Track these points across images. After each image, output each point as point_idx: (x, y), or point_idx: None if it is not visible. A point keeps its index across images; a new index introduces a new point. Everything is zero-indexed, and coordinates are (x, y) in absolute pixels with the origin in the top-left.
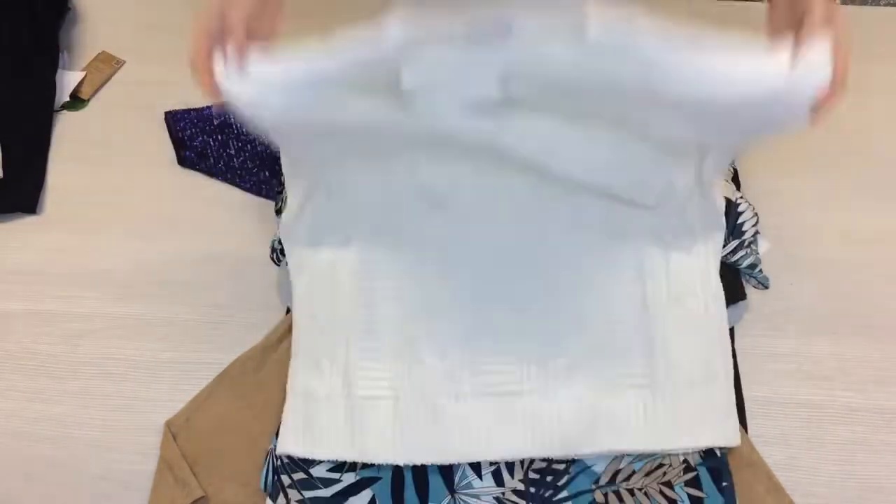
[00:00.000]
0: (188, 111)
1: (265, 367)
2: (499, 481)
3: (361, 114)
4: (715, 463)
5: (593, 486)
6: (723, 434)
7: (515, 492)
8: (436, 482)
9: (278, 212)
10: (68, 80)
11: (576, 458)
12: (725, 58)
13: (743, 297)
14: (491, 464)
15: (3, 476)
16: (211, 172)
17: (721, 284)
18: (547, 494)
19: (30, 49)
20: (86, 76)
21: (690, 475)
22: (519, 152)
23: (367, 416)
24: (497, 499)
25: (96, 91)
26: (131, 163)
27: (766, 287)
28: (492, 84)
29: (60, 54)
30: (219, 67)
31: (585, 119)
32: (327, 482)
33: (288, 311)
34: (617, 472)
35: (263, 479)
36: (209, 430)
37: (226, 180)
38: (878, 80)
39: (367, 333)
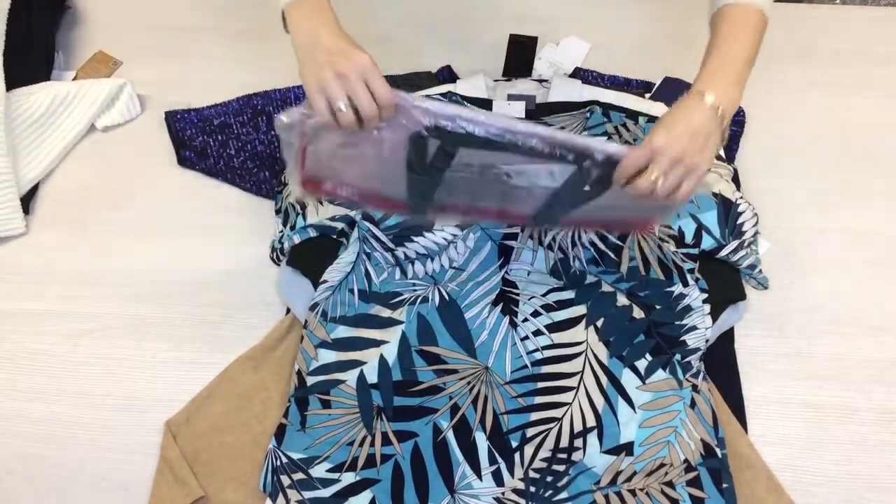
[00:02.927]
0: (188, 111)
1: (265, 367)
2: (498, 481)
3: None
4: (715, 463)
5: (594, 487)
6: None
7: (515, 491)
8: (436, 483)
9: (278, 212)
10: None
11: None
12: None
13: (743, 297)
14: (491, 464)
15: (4, 476)
16: (211, 172)
17: None
18: (547, 495)
19: (24, 50)
20: (76, 77)
21: (692, 475)
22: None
23: None
24: (497, 499)
25: None
26: (131, 163)
27: (766, 287)
28: None
29: (56, 55)
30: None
31: None
32: (326, 482)
33: (288, 311)
34: (618, 473)
35: (263, 480)
36: (209, 430)
37: (226, 180)
38: (878, 81)
39: None
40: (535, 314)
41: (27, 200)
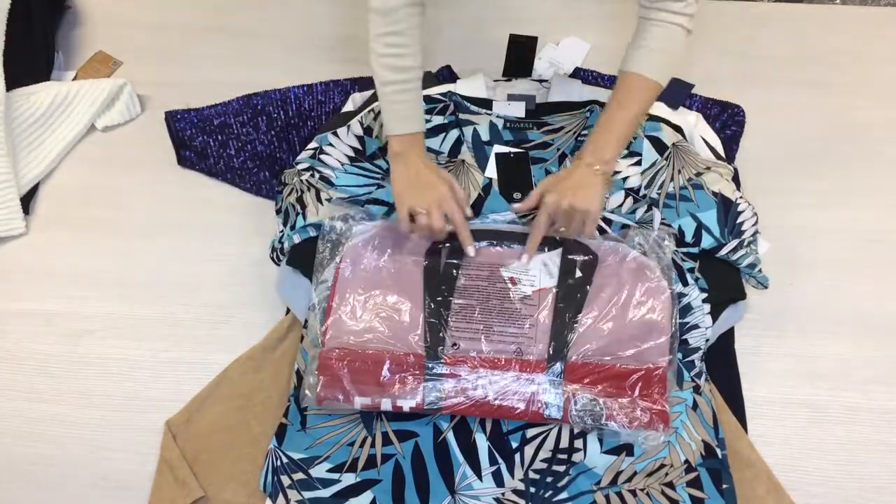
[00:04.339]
0: (188, 111)
1: (265, 367)
2: (499, 482)
3: None
4: (715, 464)
5: (594, 487)
6: None
7: (515, 492)
8: (436, 483)
9: (278, 212)
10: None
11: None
12: None
13: (743, 296)
14: (491, 465)
15: (4, 476)
16: (211, 172)
17: None
18: (547, 495)
19: (24, 50)
20: (76, 77)
21: (692, 475)
22: None
23: None
24: (497, 499)
25: None
26: (131, 163)
27: (766, 287)
28: None
29: (56, 55)
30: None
31: None
32: (326, 482)
33: (288, 311)
34: (618, 474)
35: (263, 479)
36: (209, 430)
37: (226, 180)
38: (877, 81)
39: None
40: None
41: (27, 200)
